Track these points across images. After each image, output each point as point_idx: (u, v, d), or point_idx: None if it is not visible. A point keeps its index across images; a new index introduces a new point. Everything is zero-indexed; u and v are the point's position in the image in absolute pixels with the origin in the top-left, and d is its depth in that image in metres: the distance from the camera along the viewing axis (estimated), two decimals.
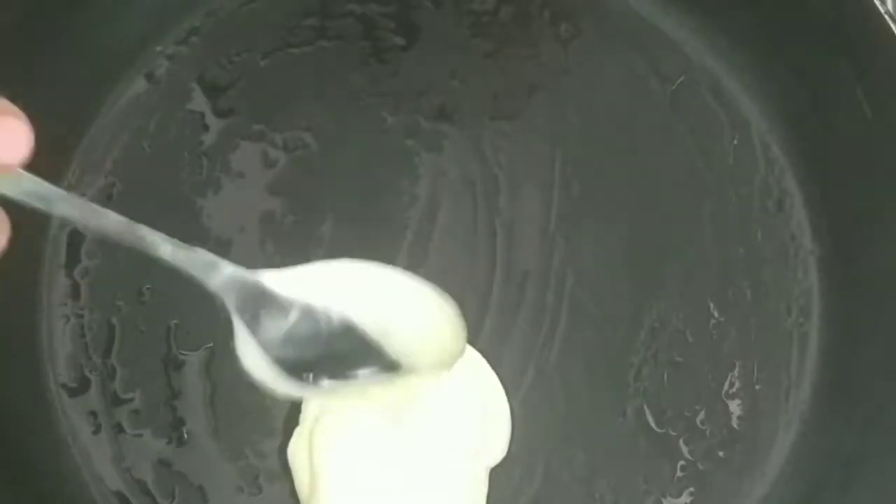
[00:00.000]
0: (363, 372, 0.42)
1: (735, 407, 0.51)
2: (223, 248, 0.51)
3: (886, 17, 0.46)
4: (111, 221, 0.37)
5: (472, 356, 0.49)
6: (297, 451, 0.48)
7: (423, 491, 0.47)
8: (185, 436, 0.49)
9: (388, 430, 0.47)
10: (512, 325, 0.51)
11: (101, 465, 0.49)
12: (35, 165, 0.51)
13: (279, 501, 0.49)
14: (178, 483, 0.49)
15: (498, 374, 0.49)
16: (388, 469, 0.47)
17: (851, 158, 0.51)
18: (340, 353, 0.42)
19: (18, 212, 0.34)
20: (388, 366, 0.42)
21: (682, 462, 0.50)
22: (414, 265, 0.51)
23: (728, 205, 0.53)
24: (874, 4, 0.46)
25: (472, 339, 0.50)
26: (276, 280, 0.41)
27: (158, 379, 0.50)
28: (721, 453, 0.50)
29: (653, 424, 0.50)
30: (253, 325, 0.40)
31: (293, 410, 0.49)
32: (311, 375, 0.42)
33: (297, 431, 0.48)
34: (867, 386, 0.50)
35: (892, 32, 0.46)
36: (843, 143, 0.51)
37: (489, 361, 0.50)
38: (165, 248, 0.38)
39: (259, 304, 0.40)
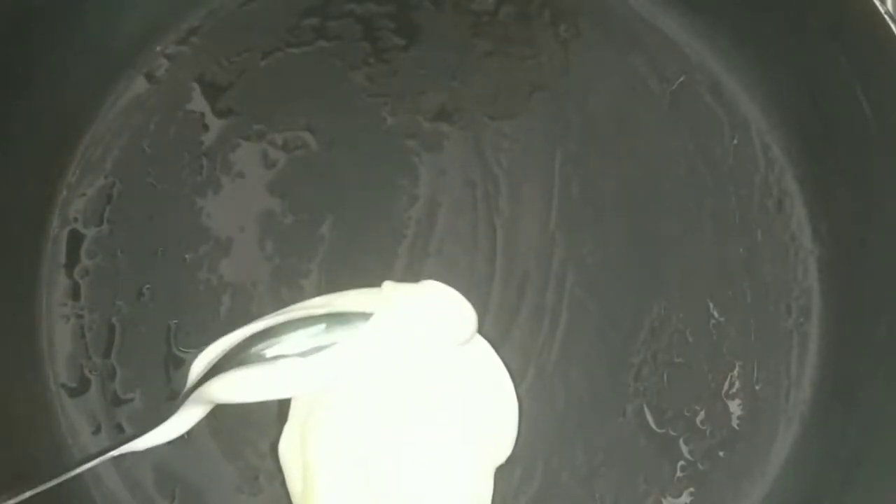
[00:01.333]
0: None
1: (735, 407, 0.51)
2: (223, 248, 0.51)
3: (886, 17, 0.46)
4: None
5: (485, 351, 0.49)
6: (289, 447, 0.47)
7: (427, 489, 0.46)
8: (185, 436, 0.49)
9: (389, 426, 0.46)
10: (512, 325, 0.51)
11: (101, 466, 0.49)
12: (36, 165, 0.51)
13: (279, 501, 0.49)
14: (177, 483, 0.49)
15: None
16: (388, 466, 0.46)
17: (851, 158, 0.51)
18: None
19: (17, 212, 0.34)
20: None
21: (682, 462, 0.50)
22: (414, 265, 0.51)
23: (728, 205, 0.53)
24: (874, 4, 0.46)
25: None
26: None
27: (158, 379, 0.50)
28: (721, 453, 0.50)
29: (653, 424, 0.50)
30: None
31: None
32: None
33: (287, 427, 0.47)
34: (867, 386, 0.49)
35: (892, 32, 0.46)
36: (843, 143, 0.51)
37: None
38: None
39: None
